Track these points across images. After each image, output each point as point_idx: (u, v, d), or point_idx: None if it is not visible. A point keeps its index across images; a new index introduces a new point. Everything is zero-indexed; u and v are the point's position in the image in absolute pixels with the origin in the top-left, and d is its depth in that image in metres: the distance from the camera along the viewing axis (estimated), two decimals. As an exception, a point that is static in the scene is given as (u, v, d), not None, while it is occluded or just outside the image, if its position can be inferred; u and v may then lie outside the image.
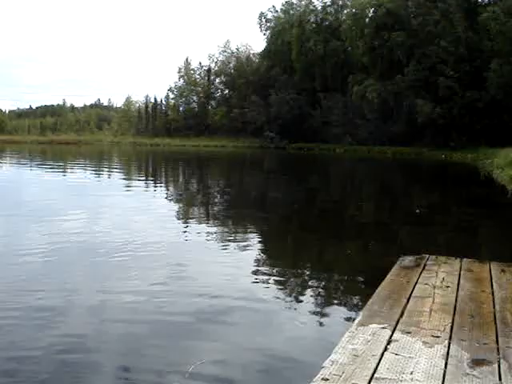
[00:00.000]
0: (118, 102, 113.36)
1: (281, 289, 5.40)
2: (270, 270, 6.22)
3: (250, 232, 9.31)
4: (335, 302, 4.91)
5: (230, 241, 8.05)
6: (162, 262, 6.46)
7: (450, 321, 3.49)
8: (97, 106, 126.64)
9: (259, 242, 8.28)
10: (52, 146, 65.12)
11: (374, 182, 22.00)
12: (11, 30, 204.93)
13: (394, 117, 49.58)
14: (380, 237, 8.91)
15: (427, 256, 5.60)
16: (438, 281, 4.54)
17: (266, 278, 5.80)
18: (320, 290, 5.47)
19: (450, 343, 3.10)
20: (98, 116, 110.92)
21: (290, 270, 6.41)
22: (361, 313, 3.73)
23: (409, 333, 3.24)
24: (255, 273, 6.03)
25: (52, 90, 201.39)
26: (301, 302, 5.00)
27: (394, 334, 3.22)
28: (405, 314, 3.60)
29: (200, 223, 9.84)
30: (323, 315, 4.58)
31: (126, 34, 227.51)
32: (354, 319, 3.77)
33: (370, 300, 3.98)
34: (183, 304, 4.80)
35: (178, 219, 10.47)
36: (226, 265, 6.36)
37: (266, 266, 6.48)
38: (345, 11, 61.35)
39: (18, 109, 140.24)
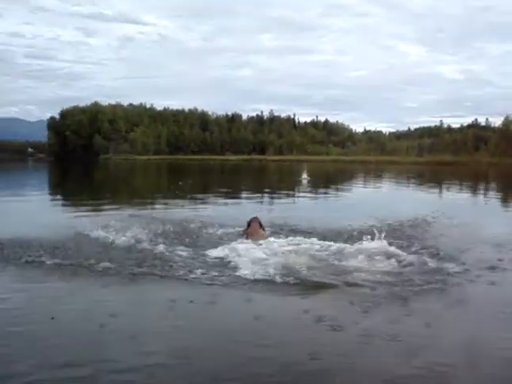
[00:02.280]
0: (497, 122, 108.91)
1: None
2: None
3: None
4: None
5: None
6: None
7: None
8: (474, 126, 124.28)
9: None
10: (429, 166, 67.65)
11: None
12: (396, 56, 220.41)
13: None
14: None
15: None
16: None
17: None
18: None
19: None
20: (475, 136, 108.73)
21: None
22: None
23: None
24: None
25: (430, 111, 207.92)
26: None
27: None
28: None
29: None
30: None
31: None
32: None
33: None
34: None
35: None
36: None
37: None
38: None
39: (397, 131, 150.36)
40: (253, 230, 8.69)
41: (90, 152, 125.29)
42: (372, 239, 7.66)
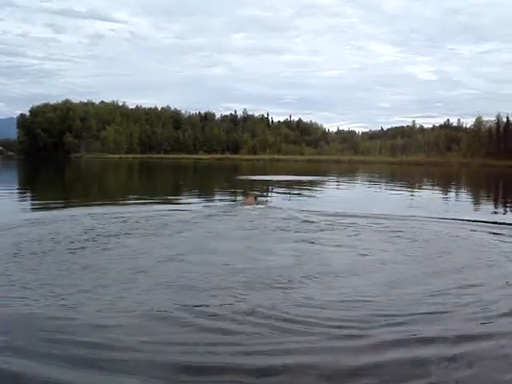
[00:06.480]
0: (469, 123, 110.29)
1: None
2: None
3: None
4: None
5: None
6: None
7: None
8: (446, 126, 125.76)
9: None
10: (401, 166, 67.98)
11: None
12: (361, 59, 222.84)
13: None
14: None
15: None
16: None
17: None
18: None
19: None
20: (447, 137, 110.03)
21: None
22: None
23: None
24: None
25: (403, 112, 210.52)
26: None
27: None
28: None
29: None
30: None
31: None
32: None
33: None
34: None
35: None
36: None
37: None
38: None
39: (370, 131, 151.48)
40: (249, 200, 13.66)
41: (60, 150, 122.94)
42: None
